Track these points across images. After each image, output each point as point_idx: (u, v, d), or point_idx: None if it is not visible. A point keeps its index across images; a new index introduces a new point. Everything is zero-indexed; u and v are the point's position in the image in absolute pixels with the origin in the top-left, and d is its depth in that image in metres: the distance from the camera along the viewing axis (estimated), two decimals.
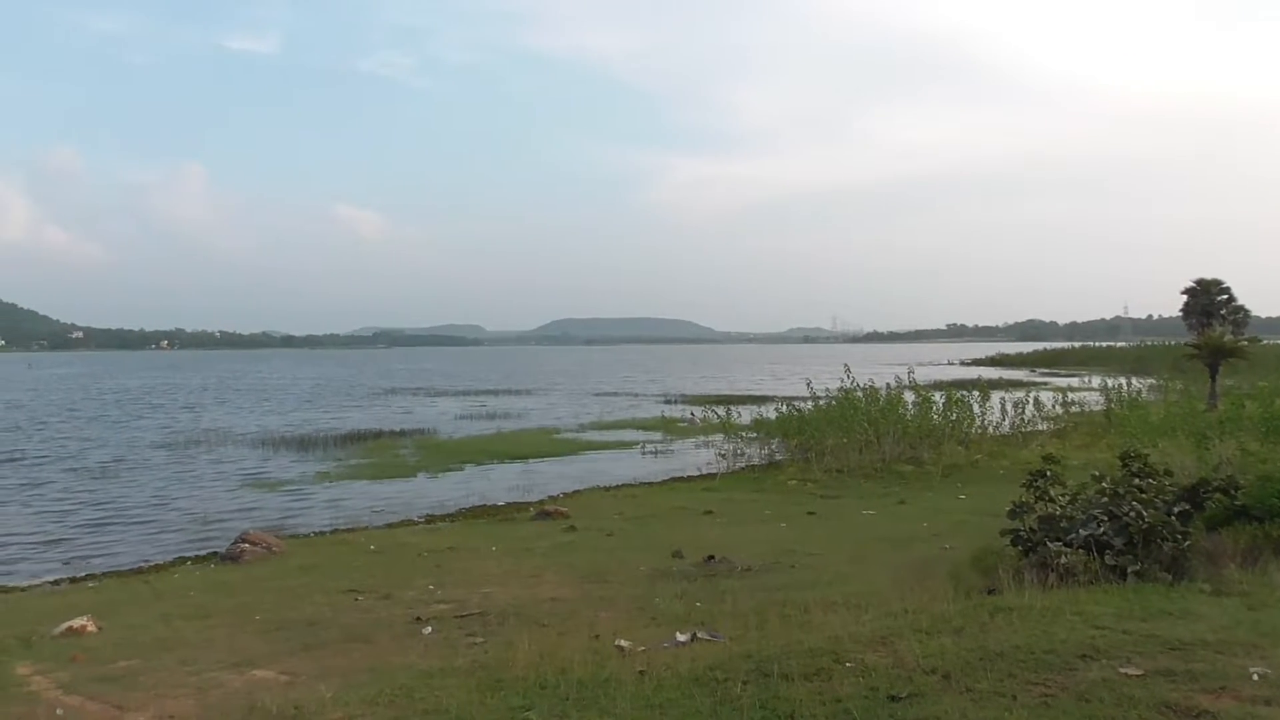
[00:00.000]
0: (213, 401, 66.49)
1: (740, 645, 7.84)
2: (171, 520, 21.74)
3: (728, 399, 44.62)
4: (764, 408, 35.66)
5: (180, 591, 13.68)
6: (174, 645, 10.03)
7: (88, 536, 20.07)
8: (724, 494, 22.18)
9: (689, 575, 12.57)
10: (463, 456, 32.01)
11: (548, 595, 11.61)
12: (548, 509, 19.88)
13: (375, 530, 19.44)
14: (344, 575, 13.98)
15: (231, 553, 16.38)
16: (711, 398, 50.23)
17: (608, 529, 17.53)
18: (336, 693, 7.26)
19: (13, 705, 7.01)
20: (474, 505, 22.37)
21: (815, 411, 28.64)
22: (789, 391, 43.76)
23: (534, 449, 33.94)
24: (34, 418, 51.96)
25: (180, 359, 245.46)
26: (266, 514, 22.18)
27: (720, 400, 42.34)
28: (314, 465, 30.90)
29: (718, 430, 30.81)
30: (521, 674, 7.38)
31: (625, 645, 8.36)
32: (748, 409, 35.64)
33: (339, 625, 10.49)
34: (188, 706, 7.35)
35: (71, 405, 62.78)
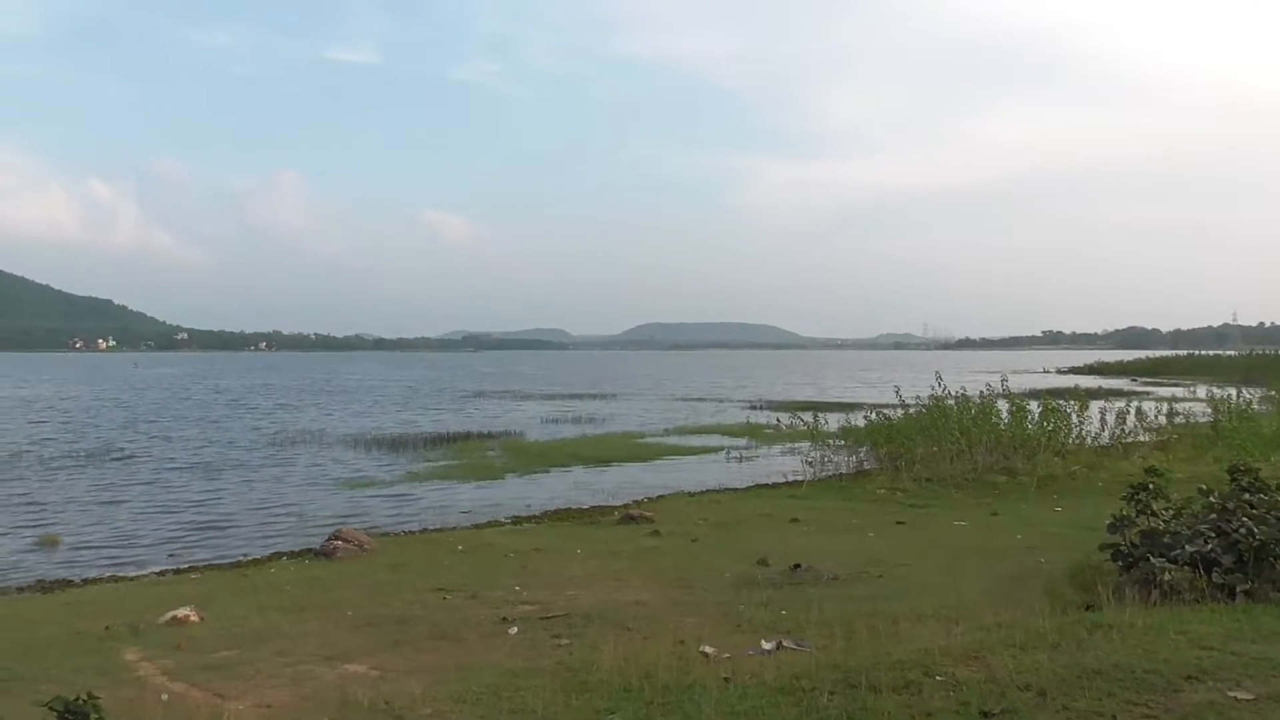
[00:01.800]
0: (308, 402, 68.45)
1: (827, 655, 7.74)
2: (268, 517, 22.44)
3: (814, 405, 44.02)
4: (852, 415, 35.23)
5: (276, 585, 14.10)
6: (270, 637, 10.34)
7: (190, 531, 20.85)
8: (810, 502, 21.92)
9: (774, 583, 12.45)
10: (548, 459, 32.31)
11: (632, 599, 11.63)
12: (632, 513, 19.92)
13: (463, 530, 19.73)
14: (432, 574, 14.22)
15: (325, 549, 16.82)
16: (798, 404, 49.67)
17: (692, 534, 17.47)
18: (425, 689, 7.40)
19: (122, 689, 7.31)
20: (559, 508, 22.55)
21: (905, 419, 28.09)
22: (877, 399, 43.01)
23: (618, 453, 34.08)
24: (140, 416, 54.23)
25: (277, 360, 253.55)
26: (358, 512, 22.72)
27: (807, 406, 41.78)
28: (404, 465, 31.56)
29: (804, 437, 30.47)
30: (606, 677, 7.41)
31: (710, 651, 8.33)
32: (835, 416, 35.19)
33: (427, 623, 10.67)
34: (284, 697, 7.56)
35: (174, 405, 65.33)
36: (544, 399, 70.54)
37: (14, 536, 19.81)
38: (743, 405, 59.91)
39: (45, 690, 6.95)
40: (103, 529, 20.88)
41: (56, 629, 11.40)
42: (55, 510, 23.07)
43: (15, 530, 20.47)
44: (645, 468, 30.88)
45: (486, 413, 56.98)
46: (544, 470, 30.05)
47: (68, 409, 60.98)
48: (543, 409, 58.74)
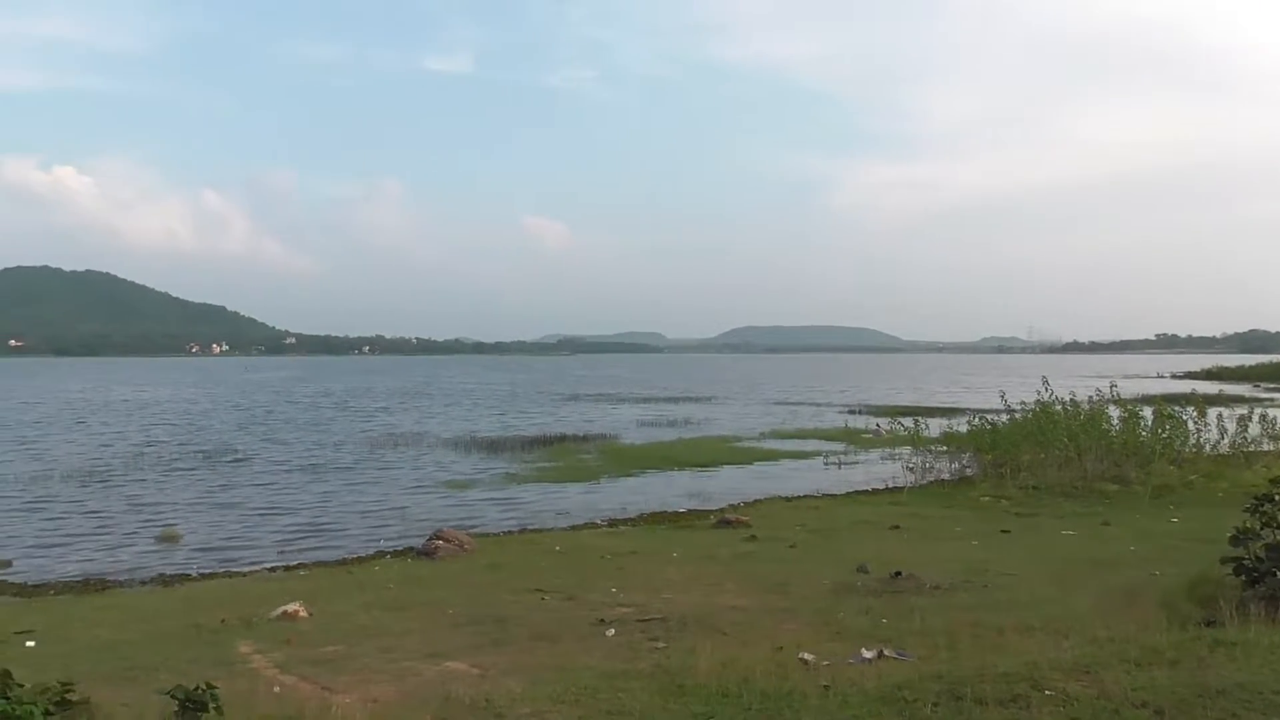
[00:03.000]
0: (409, 405, 70.11)
1: (930, 665, 7.55)
2: (372, 516, 23.04)
3: (915, 410, 43.15)
4: (954, 420, 34.41)
5: (380, 583, 14.47)
6: (375, 633, 10.61)
7: (299, 529, 21.54)
8: (911, 508, 21.48)
9: (874, 590, 12.22)
10: (644, 462, 32.40)
11: (728, 603, 11.56)
12: (728, 517, 19.84)
13: (560, 532, 19.94)
14: (530, 574, 14.40)
15: (426, 548, 17.20)
16: (897, 409, 48.74)
17: (789, 540, 17.30)
18: (525, 688, 7.48)
19: (237, 681, 7.58)
20: (654, 511, 22.60)
21: (1010, 425, 27.32)
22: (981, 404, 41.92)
23: (714, 456, 33.98)
24: (250, 419, 56.35)
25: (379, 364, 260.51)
26: (458, 512, 23.17)
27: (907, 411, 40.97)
28: (503, 467, 32.06)
29: (905, 442, 29.90)
30: (703, 681, 7.37)
31: (809, 658, 8.22)
32: (936, 421, 34.41)
33: (526, 623, 10.80)
34: (388, 692, 7.74)
35: (281, 408, 67.67)
36: (639, 402, 70.81)
37: (137, 533, 20.80)
38: (840, 410, 59.11)
39: (166, 679, 7.27)
40: (218, 527, 21.75)
41: (176, 621, 11.93)
42: (174, 508, 24.13)
43: (138, 527, 21.49)
44: (741, 472, 30.71)
45: (582, 416, 57.48)
46: (639, 473, 30.15)
47: (185, 411, 63.82)
48: (638, 412, 58.98)
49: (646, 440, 40.40)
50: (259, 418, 56.80)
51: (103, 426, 50.48)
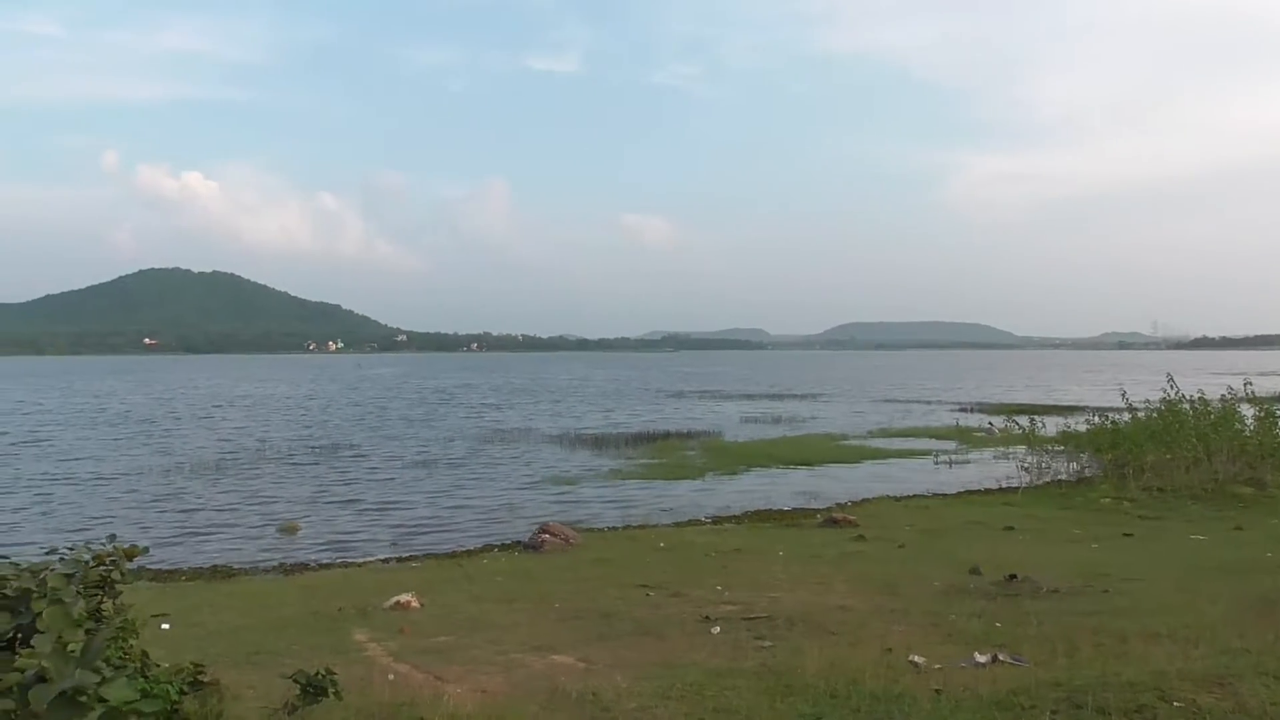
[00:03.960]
0: (514, 401, 71.30)
1: (1047, 672, 7.28)
2: (480, 510, 23.51)
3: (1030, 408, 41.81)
4: (1071, 419, 33.21)
5: (488, 576, 14.74)
6: (484, 625, 10.80)
7: (410, 522, 22.14)
8: (1026, 510, 20.79)
9: (988, 593, 11.86)
10: (748, 460, 32.22)
11: (836, 603, 11.38)
12: (835, 516, 19.55)
13: (664, 528, 19.98)
14: (635, 570, 14.45)
15: (533, 542, 17.45)
16: (1011, 407, 47.28)
17: (898, 540, 16.95)
18: (631, 683, 7.50)
19: (353, 667, 7.82)
20: (759, 509, 22.44)
21: (1133, 424, 26.17)
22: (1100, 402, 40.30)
23: (820, 455, 33.55)
24: (363, 414, 58.20)
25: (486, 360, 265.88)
26: (564, 507, 23.44)
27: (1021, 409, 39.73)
28: (607, 462, 32.31)
29: (1019, 441, 29.00)
30: (811, 681, 7.28)
31: (919, 661, 8.02)
32: (1053, 420, 33.26)
33: (631, 618, 10.84)
34: (497, 683, 7.87)
35: (392, 404, 69.66)
36: (743, 399, 70.44)
37: (259, 524, 21.71)
38: (951, 408, 57.71)
39: (288, 664, 7.55)
40: (334, 519, 22.53)
41: (296, 609, 12.38)
42: (293, 501, 25.10)
43: (261, 519, 22.42)
44: (848, 470, 30.24)
45: (685, 412, 57.49)
46: (743, 470, 29.99)
47: (303, 407, 66.33)
48: (741, 409, 58.68)
49: (751, 438, 40.16)
50: (372, 413, 58.58)
51: (226, 422, 52.86)
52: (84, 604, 3.68)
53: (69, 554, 4.29)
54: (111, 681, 2.34)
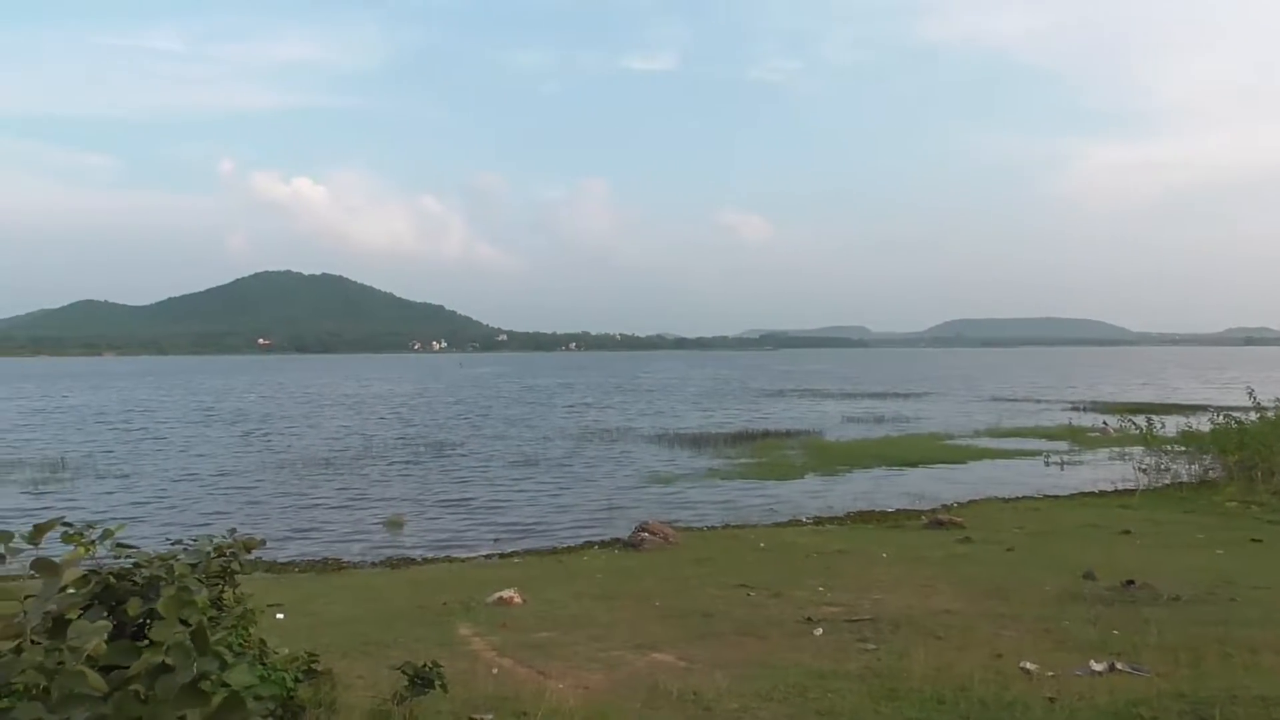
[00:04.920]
0: (612, 400, 71.73)
1: (1169, 683, 6.97)
2: (579, 507, 23.73)
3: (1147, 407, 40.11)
4: (1193, 418, 31.76)
5: (588, 573, 14.85)
6: (585, 622, 10.88)
7: (511, 518, 22.49)
8: (1144, 513, 19.94)
9: (1103, 599, 11.40)
10: (850, 460, 31.74)
11: (942, 607, 11.09)
12: (940, 518, 19.10)
13: (764, 528, 19.84)
14: (735, 570, 14.37)
15: (632, 540, 17.53)
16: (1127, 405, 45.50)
17: (1007, 543, 16.44)
18: (732, 683, 7.46)
19: (458, 661, 7.98)
20: (862, 509, 22.11)
21: (1261, 424, 24.84)
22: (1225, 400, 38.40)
23: (924, 455, 32.84)
24: (464, 412, 59.39)
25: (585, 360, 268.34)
26: (662, 506, 23.48)
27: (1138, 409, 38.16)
28: (705, 462, 32.24)
29: (1136, 442, 27.85)
30: (917, 686, 7.12)
31: (1031, 668, 7.77)
32: (1172, 419, 31.83)
33: (732, 618, 10.77)
34: (599, 680, 7.91)
35: (492, 402, 70.88)
36: (844, 398, 69.43)
37: (367, 519, 22.36)
38: (1063, 406, 55.82)
39: (395, 656, 7.74)
40: (438, 514, 23.04)
41: (402, 602, 12.70)
42: (399, 496, 25.77)
43: (368, 513, 23.09)
44: (954, 471, 29.52)
45: (785, 411, 56.96)
46: (845, 470, 29.57)
47: (407, 405, 68.05)
48: (843, 408, 57.83)
49: (852, 437, 39.55)
50: (474, 412, 59.74)
51: (334, 420, 54.60)
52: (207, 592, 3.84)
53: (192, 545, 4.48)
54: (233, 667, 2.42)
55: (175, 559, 3.87)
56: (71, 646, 2.37)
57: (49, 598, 2.46)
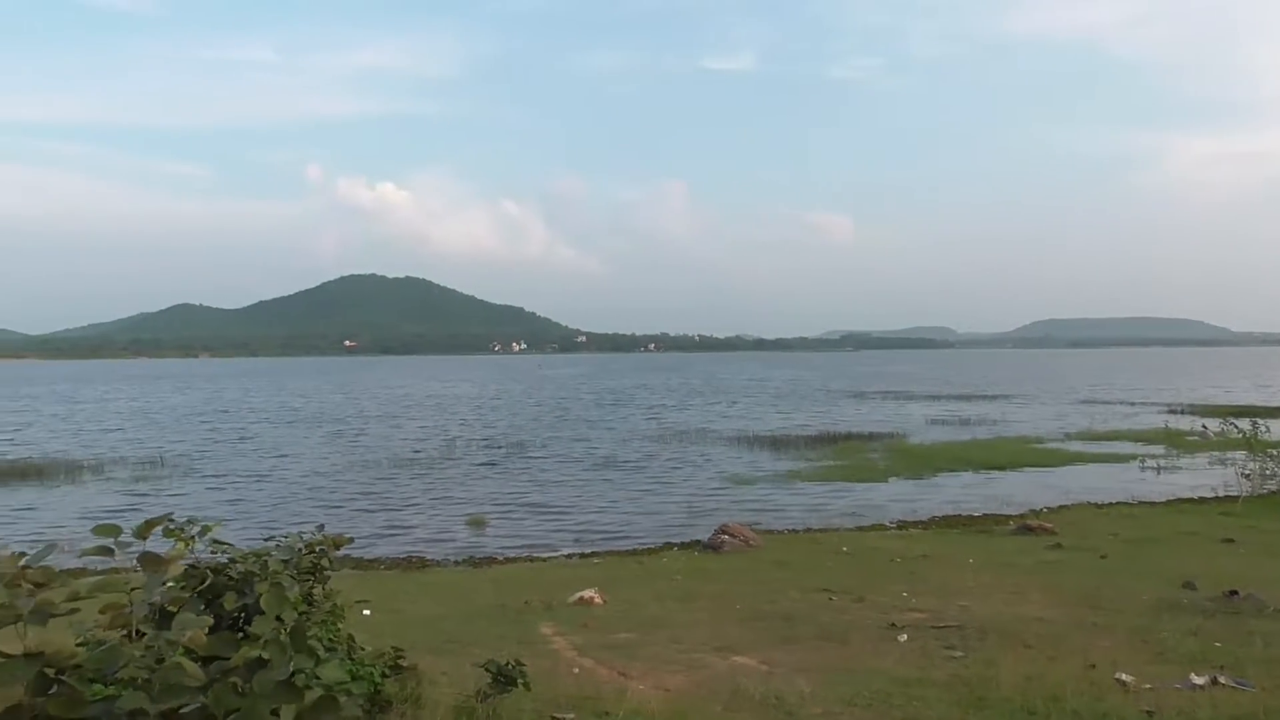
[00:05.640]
0: (690, 402, 71.58)
1: (1276, 698, 6.66)
2: (658, 508, 23.74)
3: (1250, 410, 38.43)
4: None
5: (668, 574, 14.84)
6: (665, 623, 10.87)
7: (591, 519, 22.61)
8: (1248, 520, 19.12)
9: (1204, 610, 10.95)
10: (934, 463, 31.14)
11: (1032, 615, 10.79)
12: (1030, 523, 18.60)
13: (846, 532, 19.59)
14: (817, 574, 14.21)
15: (712, 542, 17.46)
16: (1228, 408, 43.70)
17: (1100, 550, 15.93)
18: (814, 688, 7.36)
19: (539, 659, 8.02)
20: (947, 514, 21.68)
21: None
22: None
23: (1012, 458, 32.02)
24: (544, 413, 59.93)
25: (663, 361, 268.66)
26: (742, 508, 23.32)
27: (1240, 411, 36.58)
28: (786, 464, 31.95)
29: (1238, 446, 26.67)
30: (1007, 695, 6.94)
31: (1127, 680, 7.50)
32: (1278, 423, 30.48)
33: (814, 622, 10.65)
34: (680, 682, 7.89)
35: (571, 403, 71.36)
36: (928, 400, 68.14)
37: (449, 517, 22.73)
38: (1159, 409, 53.92)
39: (478, 654, 7.83)
40: (519, 514, 23.30)
41: (485, 600, 12.86)
42: (481, 495, 26.14)
43: (450, 512, 23.46)
44: (1043, 475, 28.73)
45: (867, 413, 56.15)
46: (929, 474, 29.02)
47: (489, 406, 68.98)
48: (927, 410, 56.75)
49: (937, 440, 38.77)
50: (553, 413, 60.26)
51: (417, 421, 55.65)
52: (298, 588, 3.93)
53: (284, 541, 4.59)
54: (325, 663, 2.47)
55: (268, 555, 3.98)
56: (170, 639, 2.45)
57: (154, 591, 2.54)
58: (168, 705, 2.25)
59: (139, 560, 2.66)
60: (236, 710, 2.22)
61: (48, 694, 2.35)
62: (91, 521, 19.25)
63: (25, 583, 2.40)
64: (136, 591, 2.58)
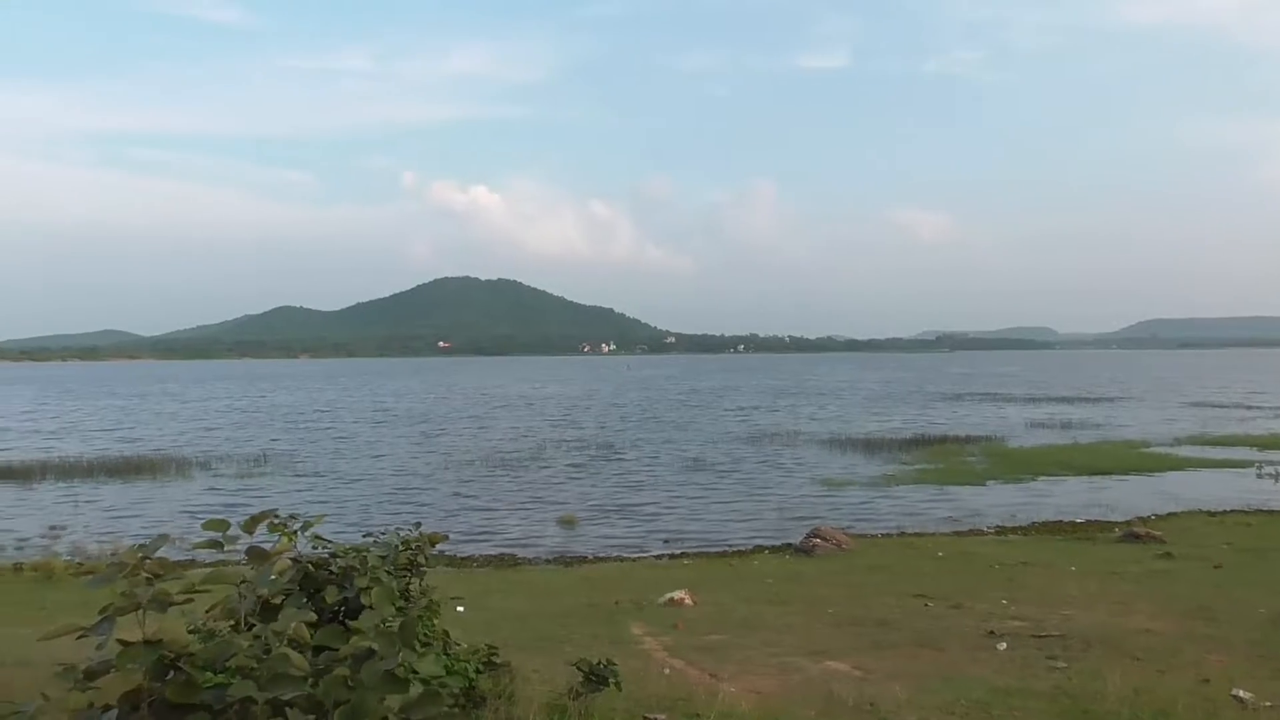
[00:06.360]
0: (779, 404, 70.92)
1: None
2: (749, 511, 23.58)
3: None
4: None
5: (758, 577, 14.73)
6: (756, 626, 10.79)
7: (680, 520, 22.59)
8: None
9: None
10: (1034, 467, 30.23)
11: (1140, 626, 10.38)
12: (1136, 531, 17.91)
13: (942, 536, 19.18)
14: (912, 579, 13.94)
15: (804, 545, 17.28)
16: None
17: (1214, 559, 15.25)
18: (910, 695, 7.21)
19: (630, 659, 8.04)
20: (1048, 520, 21.06)
21: None
22: None
23: (1116, 463, 30.88)
24: (631, 415, 60.08)
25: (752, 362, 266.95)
26: (834, 511, 23.01)
27: None
28: (879, 467, 31.41)
29: None
30: (1113, 709, 6.70)
31: (1245, 696, 7.15)
32: None
33: (909, 628, 10.44)
34: (772, 685, 7.81)
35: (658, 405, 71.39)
36: (1027, 402, 66.21)
37: (540, 516, 22.99)
38: (1278, 413, 51.37)
39: (570, 652, 7.89)
40: (609, 513, 23.41)
41: (576, 599, 12.96)
42: (571, 494, 26.36)
43: (541, 511, 23.72)
44: (1150, 481, 27.64)
45: (964, 416, 54.80)
46: (1029, 478, 28.19)
47: (578, 407, 69.55)
48: (1027, 413, 55.11)
49: (1037, 443, 37.62)
50: (642, 414, 60.42)
51: (508, 421, 56.45)
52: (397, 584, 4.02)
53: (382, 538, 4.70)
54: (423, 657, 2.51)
55: (368, 551, 4.07)
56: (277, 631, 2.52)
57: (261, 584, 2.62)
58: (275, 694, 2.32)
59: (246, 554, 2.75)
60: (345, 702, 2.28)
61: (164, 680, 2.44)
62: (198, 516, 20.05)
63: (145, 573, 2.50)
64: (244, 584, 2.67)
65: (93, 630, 2.43)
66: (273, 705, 2.31)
